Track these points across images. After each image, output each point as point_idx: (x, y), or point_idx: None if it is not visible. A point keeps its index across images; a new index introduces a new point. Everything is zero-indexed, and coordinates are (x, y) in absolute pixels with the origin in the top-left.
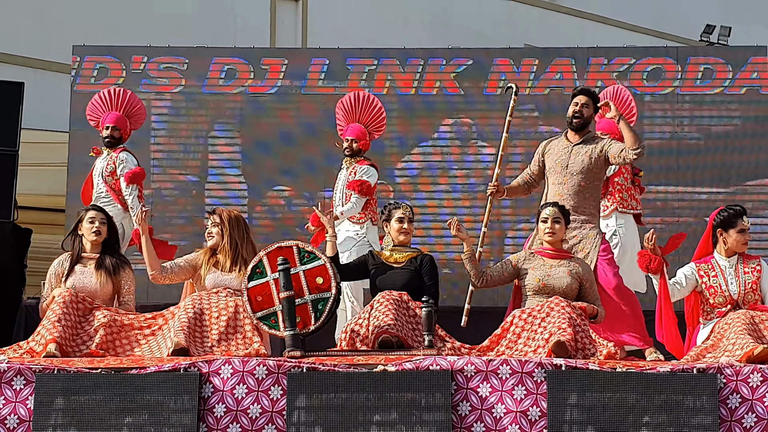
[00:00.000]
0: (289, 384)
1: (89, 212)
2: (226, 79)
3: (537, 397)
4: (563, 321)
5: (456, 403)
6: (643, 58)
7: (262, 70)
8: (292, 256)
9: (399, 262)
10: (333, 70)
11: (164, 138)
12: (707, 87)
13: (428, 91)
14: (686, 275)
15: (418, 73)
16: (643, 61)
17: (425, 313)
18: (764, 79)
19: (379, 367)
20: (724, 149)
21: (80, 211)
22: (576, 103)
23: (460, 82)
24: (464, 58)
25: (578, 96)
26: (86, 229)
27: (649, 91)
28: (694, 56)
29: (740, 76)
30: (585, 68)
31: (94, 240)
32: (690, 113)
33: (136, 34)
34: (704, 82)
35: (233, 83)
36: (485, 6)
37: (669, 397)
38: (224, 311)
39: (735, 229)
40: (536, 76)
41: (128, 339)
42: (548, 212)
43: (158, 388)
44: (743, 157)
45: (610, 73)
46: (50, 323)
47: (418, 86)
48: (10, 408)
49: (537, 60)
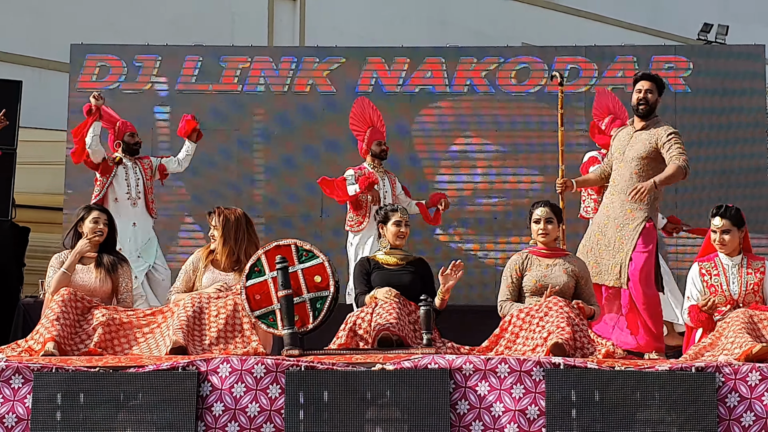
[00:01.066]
0: (288, 382)
1: (93, 212)
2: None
3: (535, 396)
4: (561, 320)
5: (454, 401)
6: (512, 57)
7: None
8: (290, 254)
9: (397, 264)
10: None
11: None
12: (572, 86)
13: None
14: (696, 297)
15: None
16: (513, 60)
17: (423, 312)
18: (630, 77)
19: (378, 365)
20: None
21: (80, 209)
22: (639, 89)
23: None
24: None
25: (641, 81)
26: (89, 229)
27: (515, 90)
28: (560, 56)
29: (607, 74)
30: (455, 68)
31: (96, 241)
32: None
33: (135, 33)
34: (570, 81)
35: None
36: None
37: (667, 395)
38: (223, 309)
39: (711, 227)
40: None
41: (126, 338)
42: (540, 213)
43: (156, 386)
44: None
45: (480, 72)
46: (48, 322)
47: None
48: (8, 407)
49: (408, 59)
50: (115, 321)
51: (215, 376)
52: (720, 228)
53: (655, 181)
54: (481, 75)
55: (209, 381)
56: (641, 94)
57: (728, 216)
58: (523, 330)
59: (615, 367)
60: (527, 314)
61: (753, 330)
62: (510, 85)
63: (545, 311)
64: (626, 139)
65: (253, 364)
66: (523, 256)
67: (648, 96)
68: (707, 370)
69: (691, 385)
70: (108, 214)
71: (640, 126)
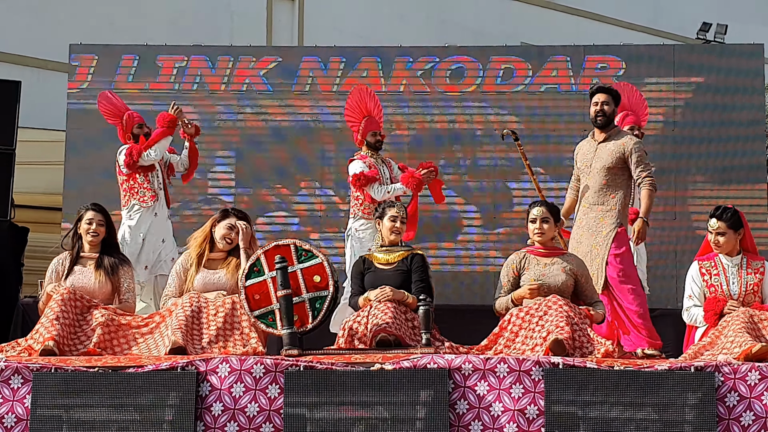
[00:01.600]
0: (287, 382)
1: (88, 213)
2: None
3: (535, 396)
4: (561, 319)
5: (453, 401)
6: (447, 57)
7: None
8: (289, 254)
9: (390, 264)
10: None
11: None
12: (508, 86)
13: None
14: (698, 295)
15: None
16: (448, 59)
17: (422, 311)
18: (563, 77)
19: (377, 365)
20: None
21: (80, 208)
22: (596, 102)
23: None
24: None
25: (597, 94)
26: (83, 230)
27: (451, 90)
28: (495, 55)
29: (541, 74)
30: (390, 68)
31: (91, 241)
32: (495, 111)
33: (133, 32)
34: (504, 81)
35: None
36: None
37: (667, 395)
38: (221, 308)
39: (708, 230)
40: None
41: (126, 338)
42: (536, 212)
43: (156, 386)
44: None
45: (415, 71)
46: (48, 321)
47: None
48: (7, 407)
49: (344, 58)
50: (114, 321)
51: (214, 375)
52: (715, 230)
53: (644, 219)
54: (417, 74)
55: (208, 381)
56: (598, 106)
57: (724, 218)
58: (522, 329)
59: (614, 366)
60: (527, 313)
61: (753, 329)
62: (445, 84)
63: (545, 310)
64: (591, 152)
65: (252, 364)
66: (520, 256)
67: (605, 108)
68: (706, 369)
69: (691, 385)
70: (104, 213)
71: (602, 137)
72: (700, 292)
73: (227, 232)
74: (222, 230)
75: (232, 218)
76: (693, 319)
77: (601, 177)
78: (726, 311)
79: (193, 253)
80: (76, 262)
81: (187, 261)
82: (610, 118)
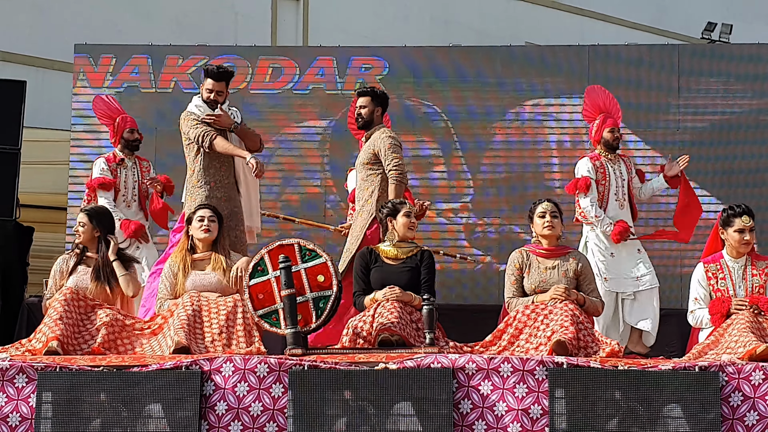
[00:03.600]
0: (291, 382)
1: (79, 216)
2: None
3: (538, 395)
4: (566, 319)
5: (457, 401)
6: (216, 56)
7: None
8: (293, 253)
9: (399, 259)
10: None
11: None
12: (275, 85)
13: None
14: (703, 297)
15: None
16: (218, 59)
17: (426, 310)
18: (331, 74)
19: (381, 365)
20: None
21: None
22: (357, 106)
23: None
24: None
25: (357, 99)
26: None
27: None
28: (264, 56)
29: (308, 73)
30: (160, 68)
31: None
32: (260, 112)
33: (138, 32)
34: (272, 81)
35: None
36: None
37: (671, 395)
38: (223, 306)
39: (733, 228)
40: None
41: (129, 338)
42: (545, 206)
43: (160, 385)
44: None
45: (185, 70)
46: (52, 321)
47: None
48: (12, 406)
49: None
50: (118, 321)
51: (218, 375)
52: (748, 226)
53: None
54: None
55: (212, 380)
56: (357, 110)
57: (750, 213)
58: (527, 326)
59: (618, 366)
60: (532, 311)
61: (757, 329)
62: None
63: (550, 309)
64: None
65: (256, 364)
66: (523, 255)
67: (362, 111)
68: (711, 369)
69: (695, 385)
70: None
71: (365, 137)
72: (706, 295)
73: (199, 224)
74: (195, 224)
75: (200, 211)
76: (698, 321)
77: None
78: (733, 310)
79: (177, 258)
80: (80, 261)
81: (174, 265)
82: (368, 121)
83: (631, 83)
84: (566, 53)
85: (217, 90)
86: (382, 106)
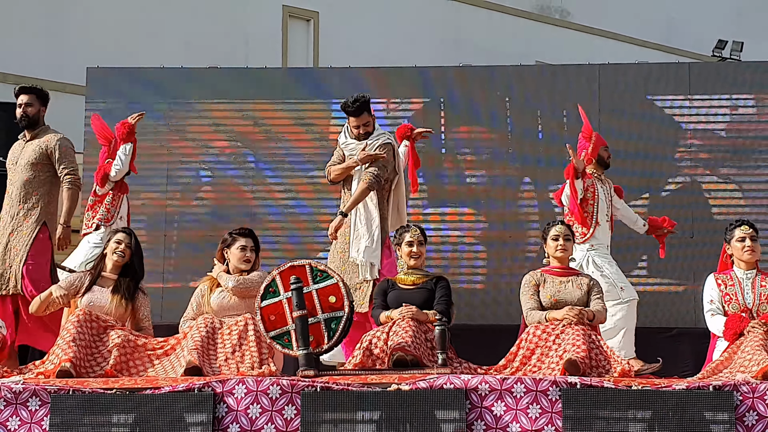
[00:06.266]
0: (303, 403)
1: (118, 234)
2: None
3: (552, 416)
4: (577, 338)
5: (471, 422)
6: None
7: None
8: (304, 275)
9: (415, 284)
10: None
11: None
12: None
13: None
14: (718, 299)
15: None
16: None
17: (438, 331)
18: None
19: (393, 386)
20: None
21: (110, 231)
22: (19, 104)
23: None
24: None
25: (19, 96)
26: (111, 249)
27: None
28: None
29: None
30: None
31: (116, 261)
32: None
33: (149, 55)
34: None
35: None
36: (496, 23)
37: (685, 414)
38: (235, 327)
39: (734, 238)
40: None
41: (142, 360)
42: (558, 229)
43: (173, 408)
44: None
45: None
46: (65, 343)
47: None
48: (25, 429)
49: None
50: (130, 343)
51: (231, 397)
52: (748, 234)
53: (63, 224)
54: None
55: (225, 402)
56: (21, 109)
57: (749, 224)
58: (539, 347)
59: (632, 386)
60: (543, 331)
61: None
62: None
63: (561, 329)
64: (19, 150)
65: (269, 385)
66: (536, 275)
67: (28, 110)
68: (725, 388)
69: (709, 404)
70: (133, 237)
71: (30, 136)
72: (720, 298)
73: (241, 254)
74: (236, 254)
75: (241, 239)
76: (713, 324)
77: (24, 173)
78: (747, 331)
79: (208, 282)
80: (95, 281)
81: (205, 287)
82: (33, 119)
83: (642, 102)
84: (576, 72)
85: (362, 123)
86: (44, 104)
